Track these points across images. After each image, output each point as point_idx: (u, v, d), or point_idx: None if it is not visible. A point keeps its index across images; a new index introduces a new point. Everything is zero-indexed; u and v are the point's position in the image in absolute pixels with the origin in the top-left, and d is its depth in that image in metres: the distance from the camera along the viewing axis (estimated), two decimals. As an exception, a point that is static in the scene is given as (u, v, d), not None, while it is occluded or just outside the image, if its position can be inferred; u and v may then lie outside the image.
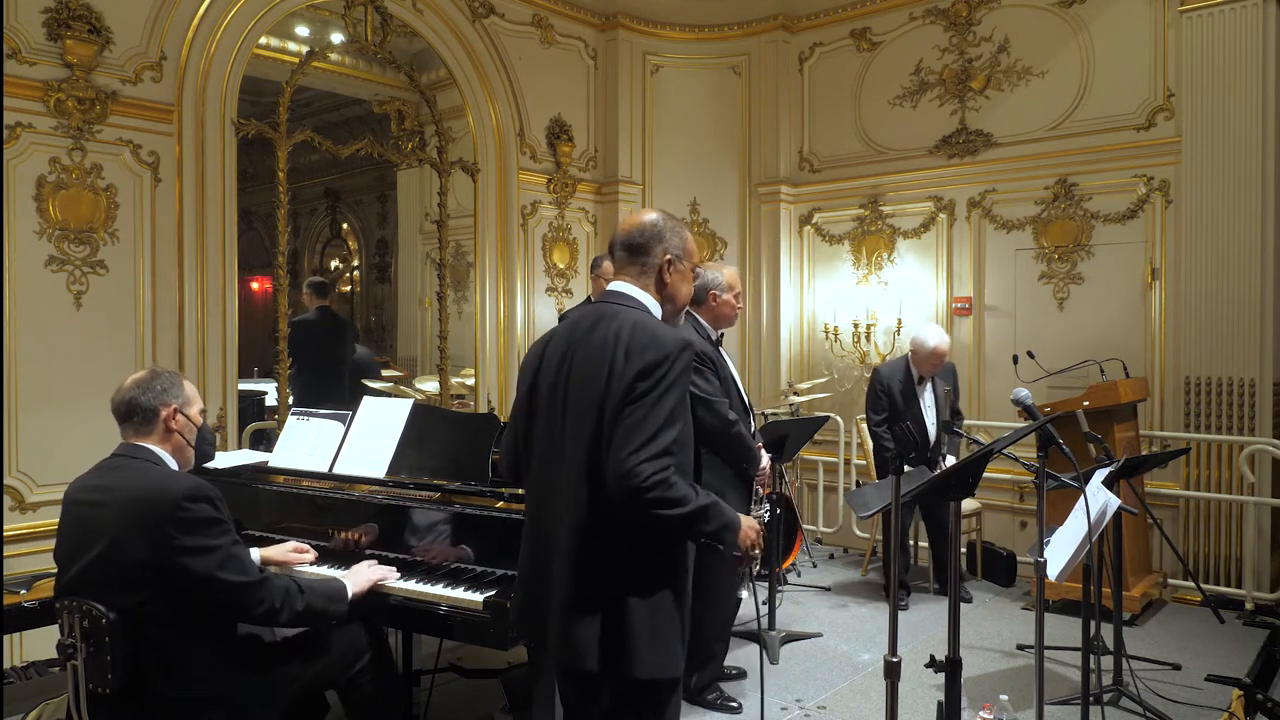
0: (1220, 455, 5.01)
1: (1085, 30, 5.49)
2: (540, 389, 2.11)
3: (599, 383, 1.96)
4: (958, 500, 2.38)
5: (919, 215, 6.19)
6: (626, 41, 6.49)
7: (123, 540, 2.14)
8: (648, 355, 1.93)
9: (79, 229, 3.95)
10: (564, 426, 2.02)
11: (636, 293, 2.11)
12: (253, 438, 4.74)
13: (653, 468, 1.86)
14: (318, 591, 2.40)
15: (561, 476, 2.02)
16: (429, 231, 5.87)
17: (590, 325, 2.05)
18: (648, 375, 1.92)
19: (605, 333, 2.00)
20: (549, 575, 2.03)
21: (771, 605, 4.43)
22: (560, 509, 2.02)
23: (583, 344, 2.03)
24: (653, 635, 1.97)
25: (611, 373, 1.95)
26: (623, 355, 1.95)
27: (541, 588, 2.05)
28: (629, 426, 1.89)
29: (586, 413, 1.97)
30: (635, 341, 1.96)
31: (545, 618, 2.03)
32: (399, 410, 3.10)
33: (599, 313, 2.07)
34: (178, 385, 2.39)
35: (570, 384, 2.03)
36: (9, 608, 2.68)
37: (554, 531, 2.03)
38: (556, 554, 2.01)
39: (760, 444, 3.66)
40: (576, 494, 1.98)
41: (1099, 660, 3.58)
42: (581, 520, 1.97)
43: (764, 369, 6.68)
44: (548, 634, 2.03)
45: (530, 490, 2.15)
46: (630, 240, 2.13)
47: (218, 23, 4.41)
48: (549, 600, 2.02)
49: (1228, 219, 4.97)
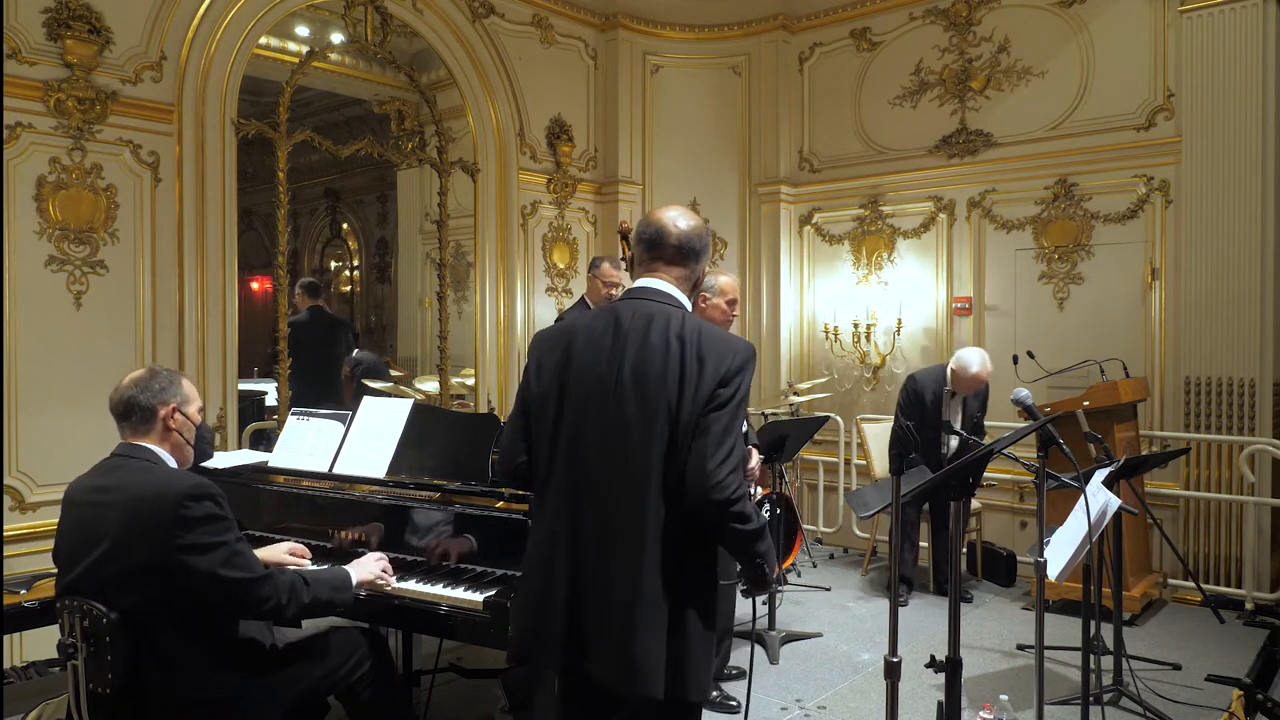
0: (1220, 455, 5.01)
1: (1085, 30, 5.49)
2: (575, 388, 1.95)
3: (669, 385, 1.86)
4: (957, 500, 2.38)
5: (919, 215, 6.20)
6: (626, 41, 6.49)
7: (125, 540, 2.14)
8: (727, 362, 1.87)
9: (79, 229, 3.95)
10: (626, 430, 1.88)
11: (680, 295, 2.02)
12: (253, 438, 4.74)
13: (736, 480, 1.83)
14: (323, 582, 2.39)
15: (624, 481, 1.88)
16: (429, 231, 5.87)
17: (644, 324, 1.93)
18: (728, 382, 1.86)
19: (666, 333, 1.90)
20: (592, 589, 1.88)
21: (771, 605, 4.43)
22: (622, 515, 1.87)
23: (639, 343, 1.91)
24: (705, 655, 1.90)
25: (684, 375, 1.85)
26: (694, 358, 1.86)
27: (578, 604, 1.88)
28: (716, 435, 1.81)
29: (656, 416, 1.86)
30: (709, 346, 1.88)
31: (583, 641, 1.87)
32: (399, 410, 3.10)
33: (649, 311, 1.95)
34: (176, 384, 2.39)
35: (629, 384, 1.89)
36: (9, 608, 2.67)
37: (607, 541, 1.88)
38: (616, 569, 1.86)
39: (750, 445, 3.69)
40: (651, 503, 1.85)
41: (1099, 660, 3.58)
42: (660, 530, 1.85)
43: (764, 369, 6.67)
44: (588, 658, 1.87)
45: (559, 498, 1.96)
46: (690, 244, 2.03)
47: (218, 23, 4.41)
48: (585, 616, 1.87)
49: (1228, 219, 4.97)
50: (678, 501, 1.85)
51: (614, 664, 1.84)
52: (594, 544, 1.89)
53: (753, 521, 1.85)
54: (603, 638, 1.85)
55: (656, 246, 2.03)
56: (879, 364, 6.30)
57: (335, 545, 2.91)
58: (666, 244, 2.02)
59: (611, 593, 1.86)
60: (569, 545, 1.92)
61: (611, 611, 1.85)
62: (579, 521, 1.92)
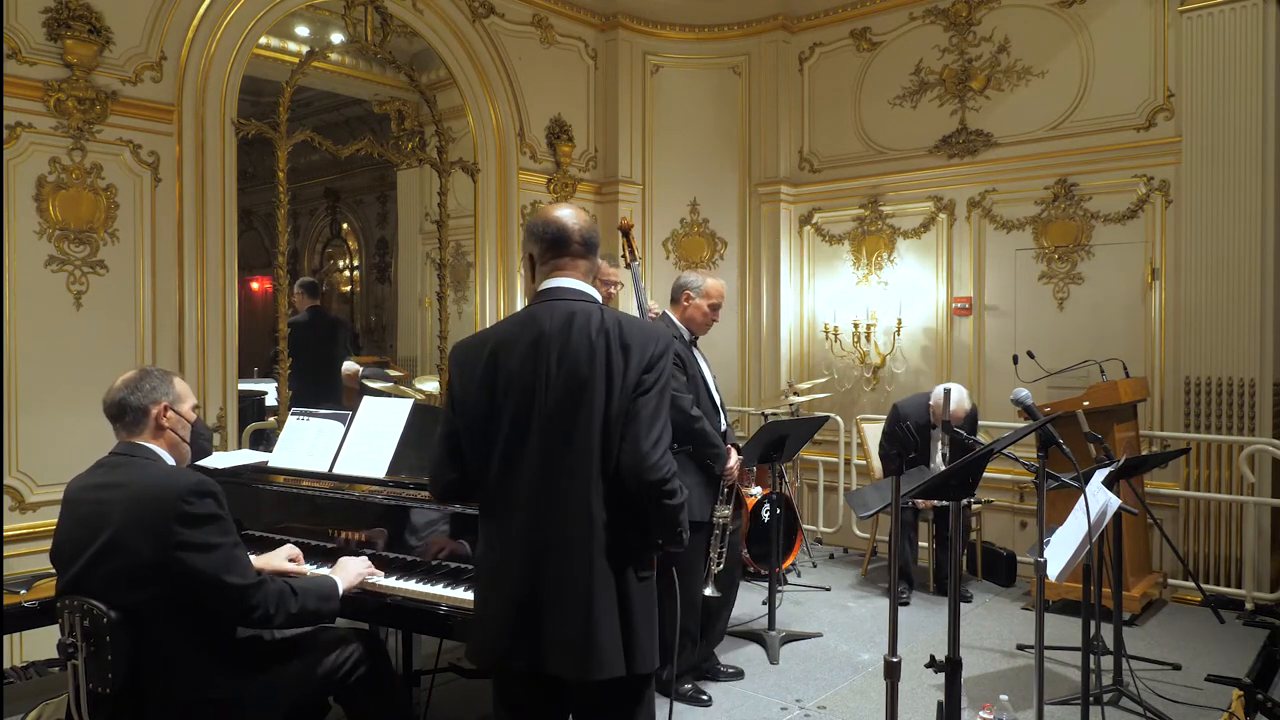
0: (1220, 455, 5.01)
1: (1085, 30, 5.49)
2: (506, 396, 1.98)
3: (598, 380, 1.93)
4: (957, 500, 2.38)
5: (919, 215, 6.20)
6: (626, 41, 6.49)
7: (125, 536, 2.14)
8: (650, 349, 1.95)
9: (79, 229, 3.95)
10: (563, 429, 1.94)
11: (591, 290, 2.08)
12: (253, 438, 4.74)
13: (668, 460, 1.94)
14: (310, 593, 2.39)
15: (569, 479, 1.94)
16: (429, 231, 5.87)
17: (565, 323, 1.98)
18: (652, 368, 1.95)
19: (588, 329, 1.96)
20: (548, 586, 1.93)
21: (771, 605, 4.43)
22: (571, 513, 1.93)
23: (563, 343, 1.96)
24: (650, 626, 2.00)
25: (611, 368, 1.93)
26: (619, 349, 1.94)
27: (535, 603, 1.94)
28: (647, 420, 1.91)
29: (591, 412, 1.93)
30: (631, 336, 1.96)
31: (542, 639, 1.93)
32: (399, 410, 3.10)
33: (567, 310, 2.00)
34: (167, 383, 2.39)
35: (560, 385, 1.95)
36: (9, 608, 2.68)
37: (559, 539, 1.94)
38: (569, 561, 1.92)
39: (730, 445, 3.76)
40: (593, 494, 1.93)
41: (1099, 660, 3.58)
42: (605, 519, 1.93)
43: (764, 369, 6.68)
44: (548, 655, 1.92)
45: (505, 505, 1.99)
46: (590, 238, 2.09)
47: (218, 23, 4.41)
48: (544, 614, 1.92)
49: (1228, 219, 4.97)
50: (619, 490, 1.94)
51: (575, 656, 1.91)
52: (545, 544, 1.95)
53: (678, 496, 1.97)
54: (561, 633, 1.92)
55: (561, 244, 2.07)
56: (879, 364, 6.30)
57: (335, 545, 2.91)
58: (571, 240, 2.07)
59: (566, 588, 1.93)
60: (520, 549, 1.97)
61: (568, 606, 1.92)
62: (528, 525, 1.96)
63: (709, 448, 3.57)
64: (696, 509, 3.63)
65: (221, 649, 2.27)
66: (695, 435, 3.52)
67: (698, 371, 3.72)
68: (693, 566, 3.64)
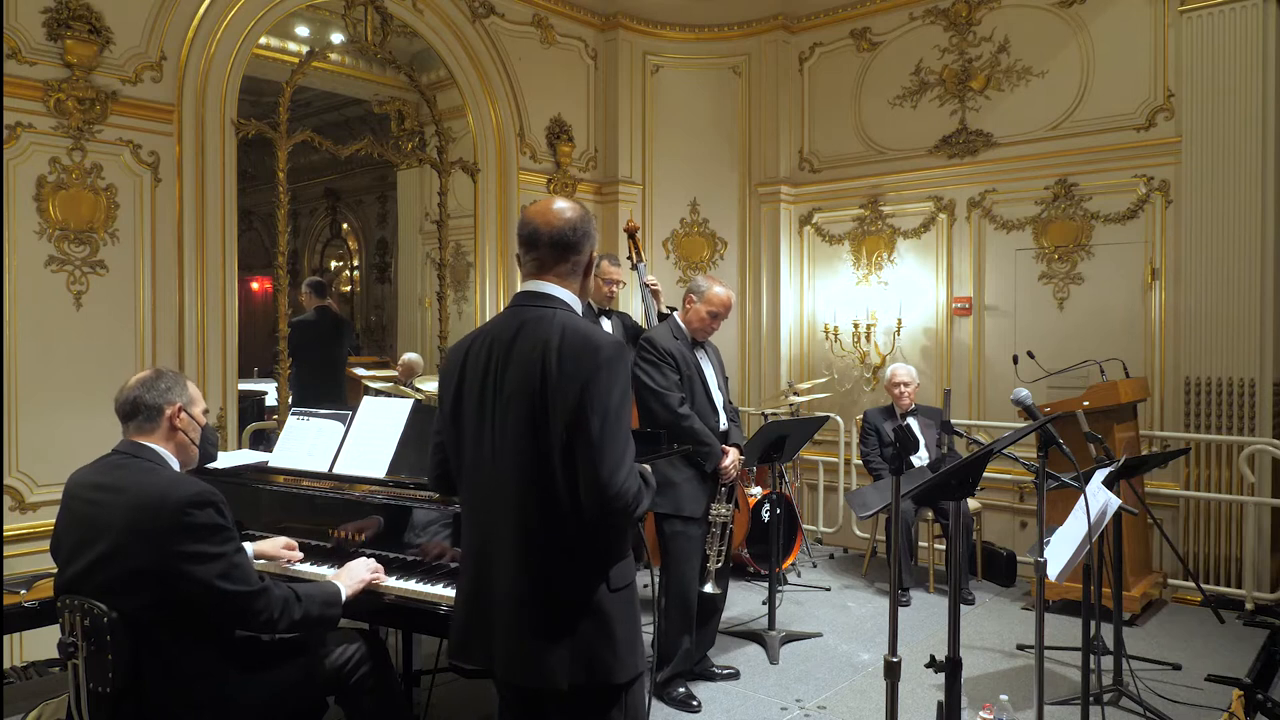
0: (1220, 455, 5.01)
1: (1085, 30, 5.49)
2: (465, 405, 1.98)
3: (533, 395, 1.86)
4: (958, 500, 2.38)
5: (919, 215, 6.20)
6: (626, 41, 6.49)
7: (125, 544, 2.14)
8: (587, 363, 1.84)
9: (79, 229, 3.95)
10: (496, 438, 1.92)
11: (562, 293, 2.00)
12: (253, 438, 4.74)
13: (632, 483, 1.85)
14: (314, 599, 2.39)
15: (500, 488, 1.92)
16: (429, 231, 5.88)
17: (514, 334, 1.93)
18: (593, 383, 1.83)
19: (532, 340, 1.90)
20: (490, 591, 1.93)
21: (771, 605, 4.43)
22: (513, 530, 1.90)
23: (504, 355, 1.92)
24: (630, 635, 1.94)
25: (546, 383, 1.85)
26: (555, 364, 1.85)
27: (483, 605, 1.95)
28: (597, 442, 1.80)
29: (527, 428, 1.87)
30: (568, 350, 1.86)
31: (490, 637, 1.93)
32: (399, 410, 3.10)
33: (523, 318, 1.95)
34: (181, 384, 2.40)
35: (502, 399, 1.91)
36: (9, 608, 2.68)
37: (500, 546, 1.92)
38: (510, 578, 1.90)
39: (733, 444, 3.79)
40: (534, 514, 1.88)
41: (1099, 660, 3.58)
42: (542, 533, 1.88)
43: (764, 369, 6.68)
44: (496, 659, 1.93)
45: (468, 511, 2.03)
46: (563, 238, 1.99)
47: (218, 23, 4.41)
48: (493, 619, 1.93)
49: (1228, 219, 4.97)
50: (561, 506, 1.87)
51: (517, 662, 1.90)
52: (495, 552, 1.94)
53: (643, 505, 1.90)
54: (506, 639, 1.91)
55: (533, 246, 2.02)
56: (879, 364, 6.30)
57: (335, 545, 2.91)
58: (539, 243, 2.00)
59: (510, 597, 1.90)
60: (479, 553, 1.98)
61: (511, 615, 1.90)
62: (483, 532, 1.97)
63: (700, 446, 3.60)
64: (688, 503, 3.64)
65: (222, 649, 2.27)
66: (684, 433, 3.55)
67: (695, 372, 3.74)
68: (685, 563, 3.66)
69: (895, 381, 5.48)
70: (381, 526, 2.85)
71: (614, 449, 1.83)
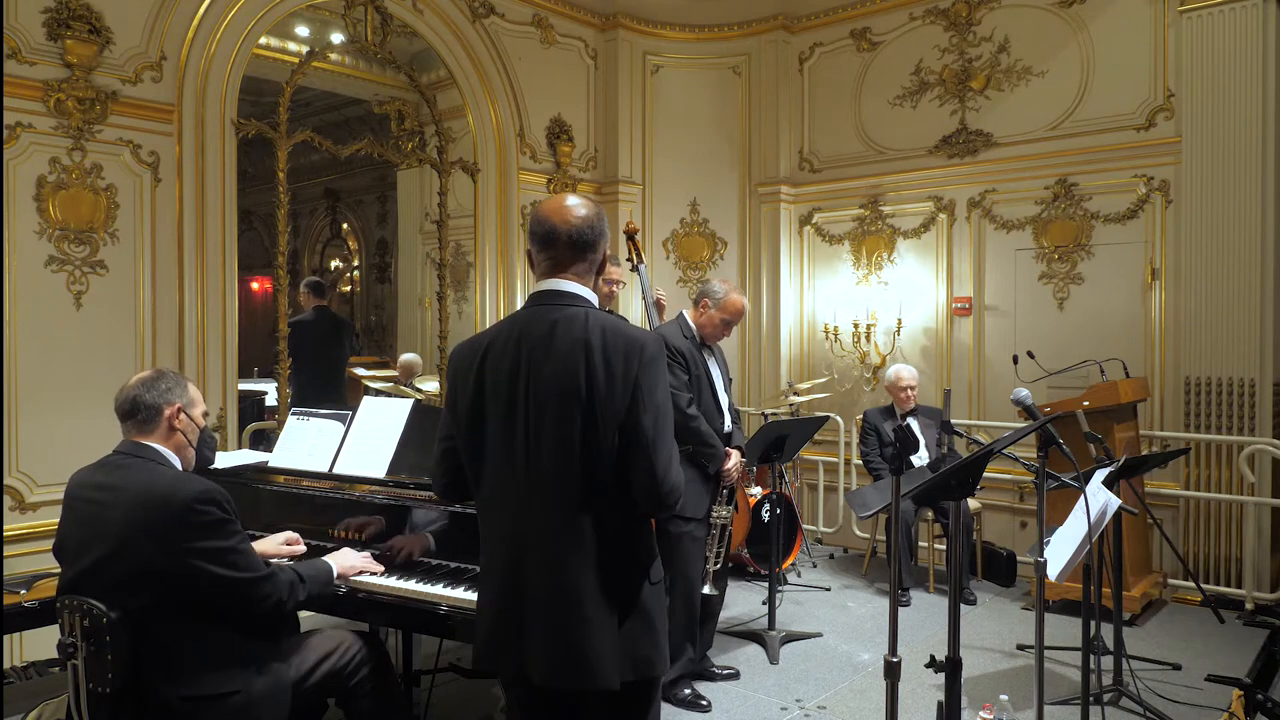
0: (1220, 455, 5.01)
1: (1085, 30, 5.49)
2: (493, 405, 1.94)
3: (580, 392, 1.84)
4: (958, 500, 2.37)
5: (919, 215, 6.20)
6: (626, 41, 6.49)
7: (130, 543, 2.14)
8: (635, 359, 1.85)
9: (79, 229, 3.95)
10: (531, 437, 1.88)
11: (584, 291, 1.98)
12: (253, 438, 4.74)
13: (679, 479, 1.89)
14: (316, 579, 2.47)
15: (537, 488, 1.88)
16: (429, 231, 5.87)
17: (548, 330, 1.90)
18: (643, 380, 1.84)
19: (570, 337, 1.88)
20: (523, 594, 1.89)
21: (771, 605, 4.43)
22: (558, 528, 1.87)
23: (545, 352, 1.89)
24: (665, 627, 1.97)
25: (593, 380, 1.84)
26: (602, 361, 1.84)
27: (514, 609, 1.90)
28: (652, 440, 1.83)
29: (573, 424, 1.85)
30: (614, 346, 1.86)
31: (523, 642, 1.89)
32: (399, 410, 3.10)
33: (553, 317, 1.92)
34: (182, 386, 2.41)
35: (543, 396, 1.87)
36: (9, 608, 2.67)
37: (540, 548, 1.89)
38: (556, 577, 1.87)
39: (735, 446, 3.81)
40: (580, 510, 1.86)
41: (1099, 660, 3.58)
42: (594, 535, 1.86)
43: (764, 369, 6.68)
44: (536, 664, 1.87)
45: (497, 512, 1.96)
46: (581, 237, 1.96)
47: (218, 23, 4.41)
48: (526, 623, 1.88)
49: (1228, 219, 4.97)
50: (605, 503, 1.87)
51: (565, 666, 1.86)
52: (533, 554, 1.90)
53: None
54: (551, 642, 1.87)
55: (550, 245, 1.98)
56: (879, 364, 6.30)
57: (335, 545, 2.91)
58: (558, 241, 1.97)
59: (555, 599, 1.87)
60: (510, 557, 1.93)
61: (557, 617, 1.86)
62: (517, 534, 1.92)
63: (704, 447, 3.61)
64: (691, 505, 3.65)
65: (222, 649, 2.26)
66: (690, 434, 3.56)
67: (703, 372, 3.76)
68: (691, 564, 3.66)
69: (901, 385, 5.45)
70: (382, 526, 2.85)
71: (665, 445, 1.86)
